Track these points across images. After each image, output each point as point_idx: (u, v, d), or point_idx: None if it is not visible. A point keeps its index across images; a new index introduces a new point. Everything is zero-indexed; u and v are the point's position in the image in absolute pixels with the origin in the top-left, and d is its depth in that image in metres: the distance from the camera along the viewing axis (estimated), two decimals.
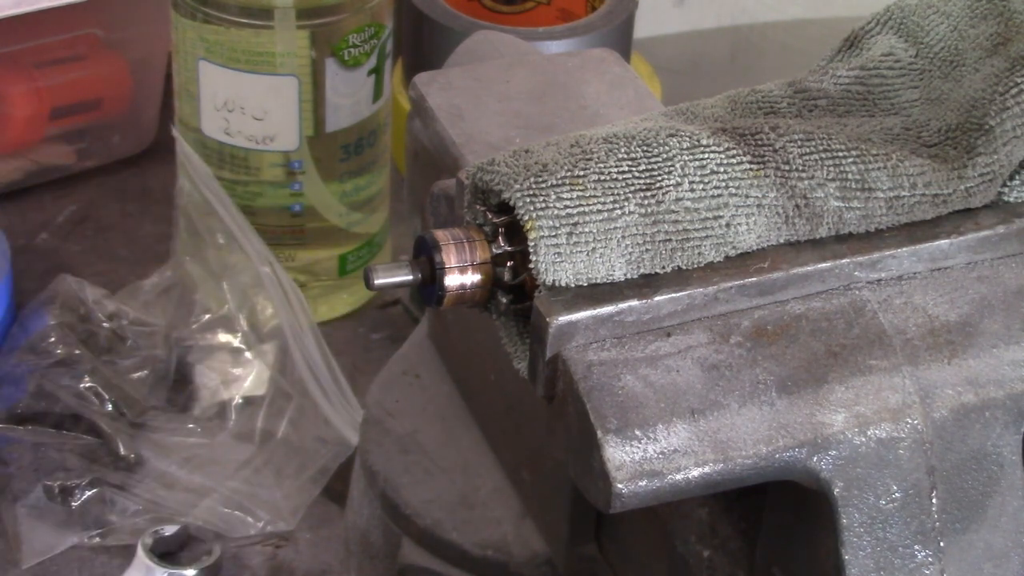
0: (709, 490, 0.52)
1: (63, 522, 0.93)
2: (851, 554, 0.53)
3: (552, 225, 0.53)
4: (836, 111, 0.61)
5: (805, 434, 0.52)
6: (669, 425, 0.51)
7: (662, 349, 0.53)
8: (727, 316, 0.54)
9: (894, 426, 0.53)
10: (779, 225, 0.55)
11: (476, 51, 0.77)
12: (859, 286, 0.56)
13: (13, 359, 0.98)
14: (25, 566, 0.91)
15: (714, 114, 0.61)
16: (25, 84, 1.14)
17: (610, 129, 0.57)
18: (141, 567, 0.89)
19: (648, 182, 0.54)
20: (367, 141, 1.06)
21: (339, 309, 1.11)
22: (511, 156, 0.55)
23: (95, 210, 1.18)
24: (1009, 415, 0.55)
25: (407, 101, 0.96)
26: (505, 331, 0.56)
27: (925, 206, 0.57)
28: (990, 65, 0.59)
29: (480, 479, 0.73)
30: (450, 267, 0.54)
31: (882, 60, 0.62)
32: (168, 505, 0.94)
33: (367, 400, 0.78)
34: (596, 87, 0.72)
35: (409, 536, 0.72)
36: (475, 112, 0.69)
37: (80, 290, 1.03)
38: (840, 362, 0.54)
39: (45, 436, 0.96)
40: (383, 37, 1.04)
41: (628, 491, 0.51)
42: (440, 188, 0.62)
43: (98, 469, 0.95)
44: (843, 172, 0.56)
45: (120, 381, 0.98)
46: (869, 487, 0.53)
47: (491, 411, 0.74)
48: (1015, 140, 0.57)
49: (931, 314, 0.55)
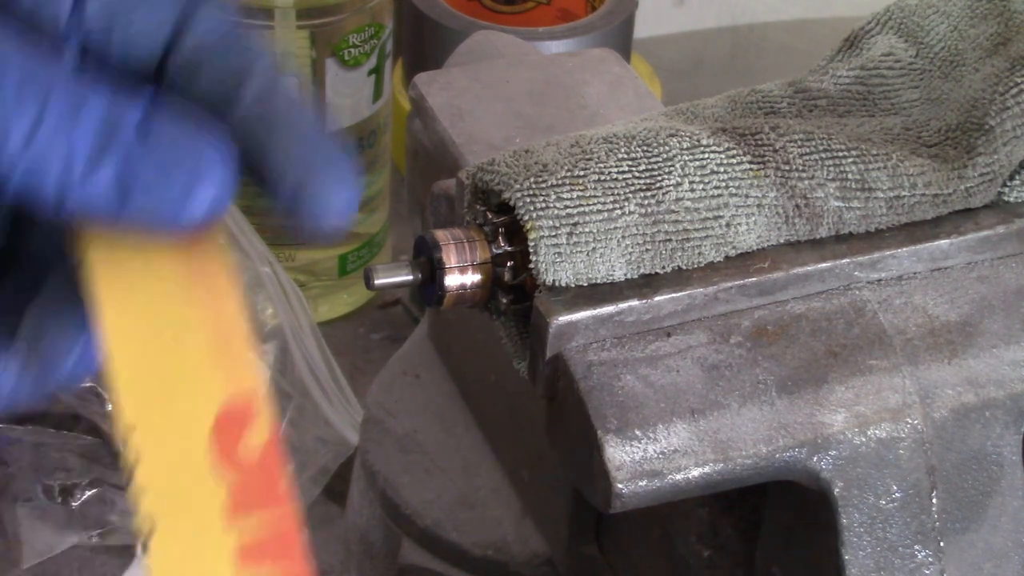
0: (709, 490, 0.52)
1: (63, 522, 0.93)
2: (851, 554, 0.53)
3: (552, 225, 0.53)
4: (836, 111, 0.61)
5: (805, 434, 0.52)
6: (669, 425, 0.51)
7: (662, 349, 0.53)
8: (727, 316, 0.54)
9: (894, 426, 0.53)
10: (779, 225, 0.55)
11: (476, 51, 0.77)
12: (859, 286, 0.56)
13: None
14: (25, 566, 0.91)
15: (714, 114, 0.61)
16: None
17: (610, 129, 0.57)
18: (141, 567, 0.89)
19: (648, 182, 0.54)
20: (367, 141, 1.06)
21: (339, 309, 1.11)
22: (511, 156, 0.55)
23: None
24: (1009, 415, 0.55)
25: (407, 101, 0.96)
26: (505, 331, 0.56)
27: (925, 206, 0.57)
28: (990, 65, 0.59)
29: (480, 479, 0.73)
30: (450, 267, 0.54)
31: (882, 60, 0.62)
32: None
33: (367, 400, 0.78)
34: (596, 87, 0.72)
35: (409, 536, 0.72)
36: (475, 112, 0.69)
37: None
38: (840, 362, 0.54)
39: (45, 436, 0.96)
40: (383, 37, 1.04)
41: (628, 491, 0.51)
42: (440, 188, 0.62)
43: (98, 469, 0.95)
44: (843, 172, 0.56)
45: None
46: (869, 487, 0.53)
47: (491, 411, 0.74)
48: (1015, 140, 0.57)
49: (931, 314, 0.55)
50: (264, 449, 0.43)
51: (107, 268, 0.44)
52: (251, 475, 0.43)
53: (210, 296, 0.44)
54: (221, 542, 0.42)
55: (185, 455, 0.42)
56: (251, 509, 0.42)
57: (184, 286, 0.44)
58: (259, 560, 0.42)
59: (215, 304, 0.44)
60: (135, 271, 0.44)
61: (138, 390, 0.43)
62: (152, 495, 0.42)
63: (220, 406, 0.43)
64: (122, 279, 0.44)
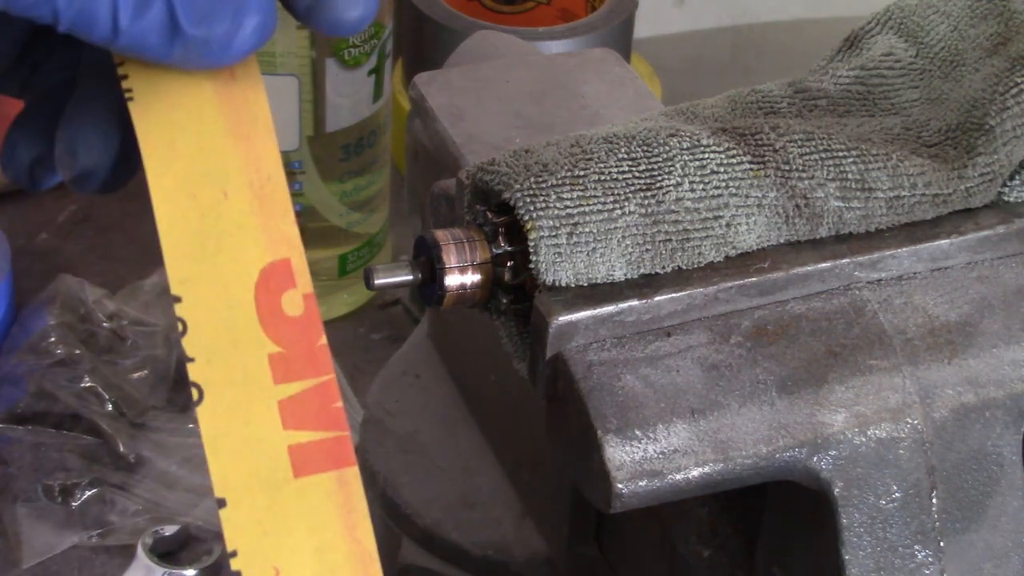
0: (709, 490, 0.52)
1: (63, 522, 0.93)
2: (851, 554, 0.53)
3: (552, 225, 0.53)
4: (836, 111, 0.61)
5: (805, 434, 0.52)
6: (669, 425, 0.51)
7: (662, 349, 0.53)
8: (727, 316, 0.54)
9: (894, 426, 0.53)
10: (779, 225, 0.55)
11: (476, 51, 0.77)
12: (859, 286, 0.56)
13: (13, 359, 0.98)
14: (25, 566, 0.91)
15: (714, 114, 0.61)
16: None
17: (610, 129, 0.57)
18: (141, 567, 0.89)
19: (648, 182, 0.54)
20: (367, 141, 1.06)
21: (339, 309, 1.11)
22: (511, 156, 0.55)
23: (95, 210, 1.18)
24: (1009, 415, 0.55)
25: (407, 101, 0.96)
26: (505, 331, 0.56)
27: (925, 206, 0.57)
28: (990, 65, 0.59)
29: (480, 479, 0.73)
30: (450, 267, 0.54)
31: (882, 60, 0.62)
32: (168, 505, 0.94)
33: (367, 400, 0.78)
34: (596, 87, 0.72)
35: (409, 536, 0.72)
36: (475, 112, 0.69)
37: (80, 290, 1.03)
38: (840, 362, 0.54)
39: (45, 436, 0.96)
40: (383, 37, 1.04)
41: (628, 491, 0.51)
42: (440, 188, 0.62)
43: (98, 469, 0.95)
44: (843, 172, 0.56)
45: (120, 381, 0.98)
46: (869, 487, 0.53)
47: (491, 411, 0.74)
48: (1015, 140, 0.57)
49: (931, 314, 0.55)
50: (305, 311, 0.43)
51: (154, 115, 0.43)
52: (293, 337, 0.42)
53: (251, 144, 0.44)
54: (267, 406, 0.42)
55: (231, 320, 0.42)
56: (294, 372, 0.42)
57: (228, 135, 0.44)
58: (304, 425, 0.42)
59: (256, 152, 0.44)
60: (181, 117, 0.43)
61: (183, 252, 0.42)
62: (200, 363, 0.42)
63: (264, 265, 0.43)
64: (169, 127, 0.43)
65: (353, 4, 0.44)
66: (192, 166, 0.43)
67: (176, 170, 0.43)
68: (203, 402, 0.42)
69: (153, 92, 0.43)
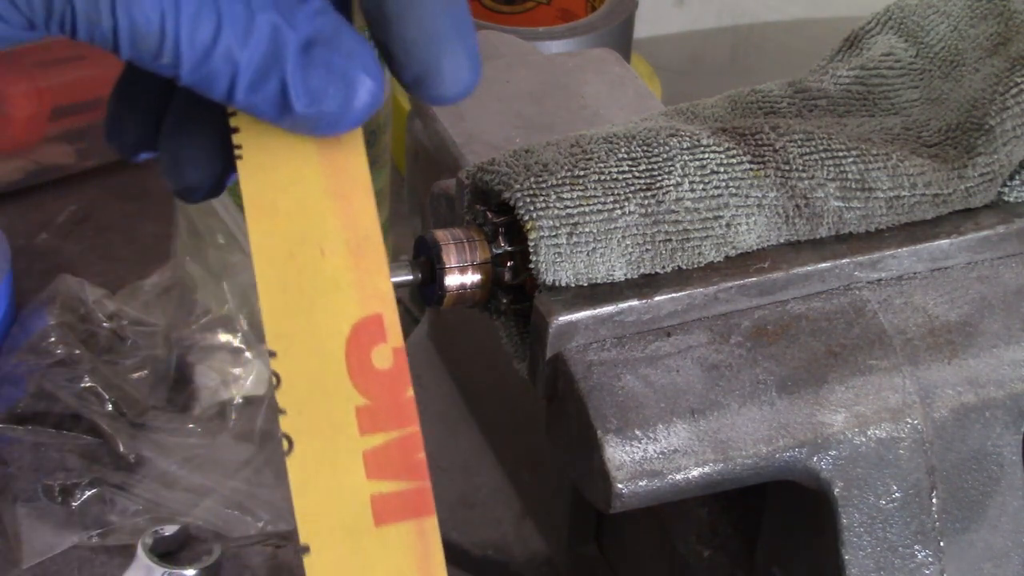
0: (709, 490, 0.52)
1: (63, 522, 0.93)
2: (851, 554, 0.53)
3: (552, 225, 0.53)
4: (836, 111, 0.61)
5: (805, 434, 0.52)
6: (669, 425, 0.51)
7: (662, 349, 0.53)
8: (727, 316, 0.54)
9: (894, 426, 0.53)
10: (779, 225, 0.55)
11: None
12: (859, 286, 0.56)
13: (13, 359, 0.98)
14: (25, 566, 0.91)
15: (714, 114, 0.61)
16: (25, 84, 1.14)
17: (610, 129, 0.57)
18: (141, 567, 0.89)
19: (648, 182, 0.54)
20: (367, 141, 1.06)
21: None
22: (511, 156, 0.55)
23: (95, 210, 1.18)
24: (1009, 415, 0.55)
25: (407, 101, 0.96)
26: (505, 331, 0.56)
27: (925, 206, 0.57)
28: (990, 65, 0.59)
29: (480, 479, 0.73)
30: (450, 267, 0.54)
31: (882, 60, 0.62)
32: (168, 505, 0.94)
33: None
34: (596, 87, 0.72)
35: None
36: (475, 112, 0.69)
37: (80, 290, 1.03)
38: (840, 362, 0.54)
39: (45, 436, 0.95)
40: None
41: (628, 491, 0.51)
42: (440, 188, 0.62)
43: (98, 469, 0.94)
44: (843, 172, 0.56)
45: (120, 381, 0.98)
46: (869, 487, 0.53)
47: (491, 411, 0.74)
48: (1015, 140, 0.57)
49: (931, 314, 0.55)
50: (394, 365, 0.44)
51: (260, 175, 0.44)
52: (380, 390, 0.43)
53: (350, 204, 0.45)
54: (353, 457, 0.43)
55: (322, 374, 0.43)
56: (380, 424, 0.43)
57: (328, 195, 0.45)
58: (387, 475, 0.43)
59: (354, 211, 0.45)
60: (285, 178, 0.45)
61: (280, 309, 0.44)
62: (291, 415, 0.43)
63: (356, 320, 0.44)
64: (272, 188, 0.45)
65: (457, 80, 0.44)
66: (292, 226, 0.45)
67: (277, 229, 0.45)
68: (292, 452, 0.43)
69: (261, 152, 0.45)
